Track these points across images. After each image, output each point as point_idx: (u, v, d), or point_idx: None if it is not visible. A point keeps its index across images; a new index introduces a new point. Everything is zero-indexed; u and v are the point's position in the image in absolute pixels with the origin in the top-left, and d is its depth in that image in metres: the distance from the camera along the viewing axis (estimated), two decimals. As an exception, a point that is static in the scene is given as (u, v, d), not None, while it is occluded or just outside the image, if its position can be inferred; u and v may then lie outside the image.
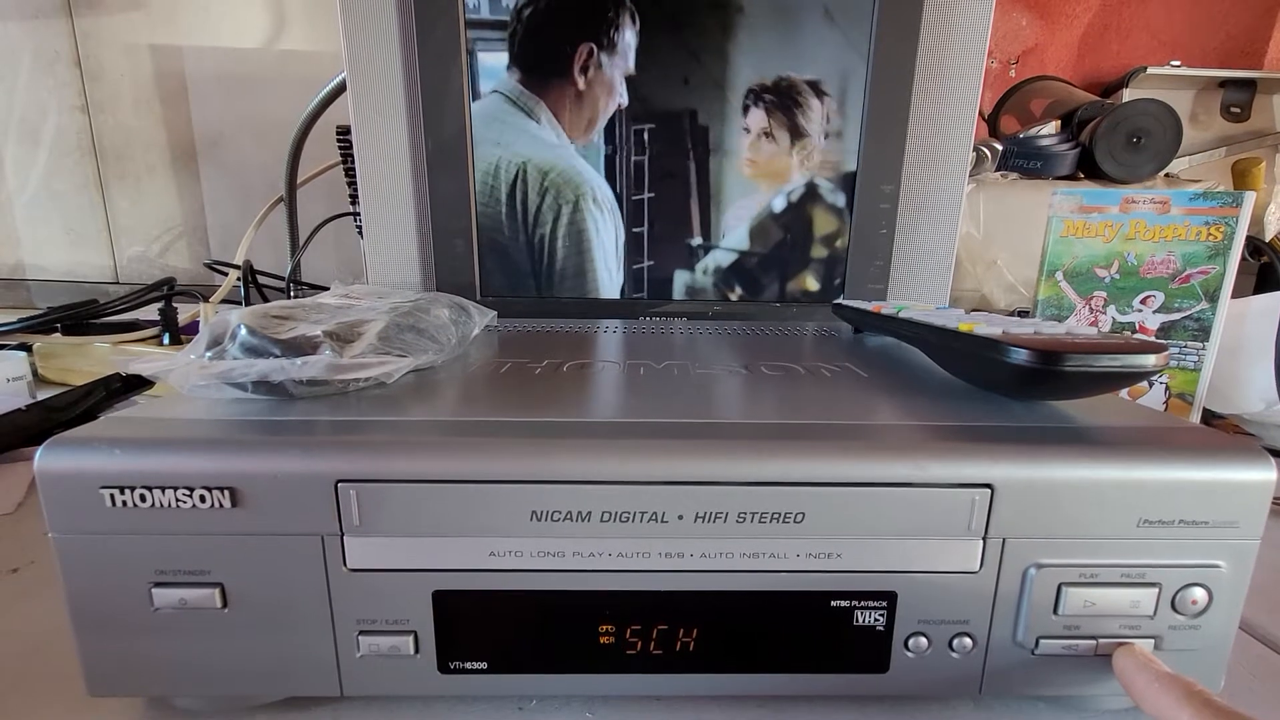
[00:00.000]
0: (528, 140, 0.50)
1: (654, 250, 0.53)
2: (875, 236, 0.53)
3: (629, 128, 0.51)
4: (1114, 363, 0.23)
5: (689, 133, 0.51)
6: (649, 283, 0.53)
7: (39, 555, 0.35)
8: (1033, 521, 0.22)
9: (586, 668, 0.24)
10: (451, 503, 0.22)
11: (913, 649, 0.23)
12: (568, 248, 0.52)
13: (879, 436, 0.23)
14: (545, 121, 0.50)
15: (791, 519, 0.22)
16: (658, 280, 0.53)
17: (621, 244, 0.52)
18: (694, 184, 0.52)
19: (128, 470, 0.21)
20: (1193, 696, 0.19)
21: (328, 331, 0.26)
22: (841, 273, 0.54)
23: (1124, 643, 0.23)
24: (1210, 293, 0.50)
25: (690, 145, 0.51)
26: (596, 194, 0.51)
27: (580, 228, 0.52)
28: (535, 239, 0.52)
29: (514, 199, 0.51)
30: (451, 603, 0.23)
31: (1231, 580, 0.23)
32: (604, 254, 0.53)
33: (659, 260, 0.53)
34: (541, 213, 0.51)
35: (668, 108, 0.50)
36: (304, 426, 0.23)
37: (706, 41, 0.49)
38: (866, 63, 0.50)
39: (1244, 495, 0.22)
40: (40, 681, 0.26)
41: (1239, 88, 0.99)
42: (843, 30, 0.49)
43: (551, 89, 0.50)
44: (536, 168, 0.51)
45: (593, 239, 0.52)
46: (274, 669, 0.23)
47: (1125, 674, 0.22)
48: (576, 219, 0.52)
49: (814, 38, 0.49)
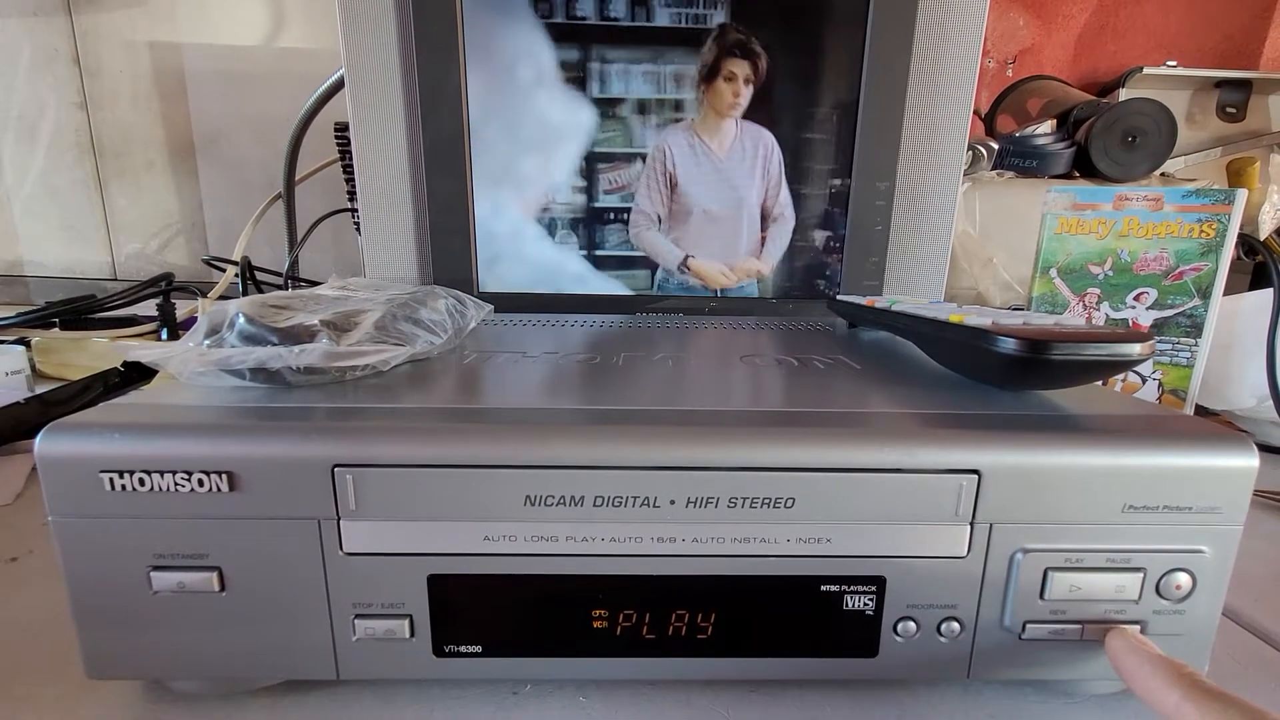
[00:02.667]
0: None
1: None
2: (870, 233, 0.53)
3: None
4: (1100, 351, 0.23)
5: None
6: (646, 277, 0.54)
7: (37, 545, 0.35)
8: (1019, 507, 0.22)
9: (580, 651, 0.24)
10: (446, 487, 0.22)
11: (901, 633, 0.24)
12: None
13: (869, 424, 0.24)
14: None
15: (782, 504, 0.22)
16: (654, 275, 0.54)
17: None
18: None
19: (127, 454, 0.22)
20: (1183, 678, 0.19)
21: (325, 320, 0.26)
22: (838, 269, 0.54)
23: (1116, 626, 0.23)
24: (1203, 289, 0.50)
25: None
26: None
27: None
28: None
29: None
30: (446, 586, 0.23)
31: (1215, 565, 0.23)
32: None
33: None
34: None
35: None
36: (301, 413, 0.23)
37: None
38: (861, 60, 0.50)
39: (1227, 481, 0.22)
40: (39, 666, 0.26)
41: (1235, 88, 0.99)
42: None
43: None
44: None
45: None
46: (271, 652, 0.24)
47: (1117, 656, 0.22)
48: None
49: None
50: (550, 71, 0.50)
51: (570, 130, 0.51)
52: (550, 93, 0.50)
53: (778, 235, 0.54)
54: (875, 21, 0.49)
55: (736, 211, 0.53)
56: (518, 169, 0.51)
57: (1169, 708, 0.19)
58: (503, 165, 0.51)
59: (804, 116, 0.52)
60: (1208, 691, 0.18)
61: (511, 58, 0.49)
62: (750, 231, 0.54)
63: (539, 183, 0.52)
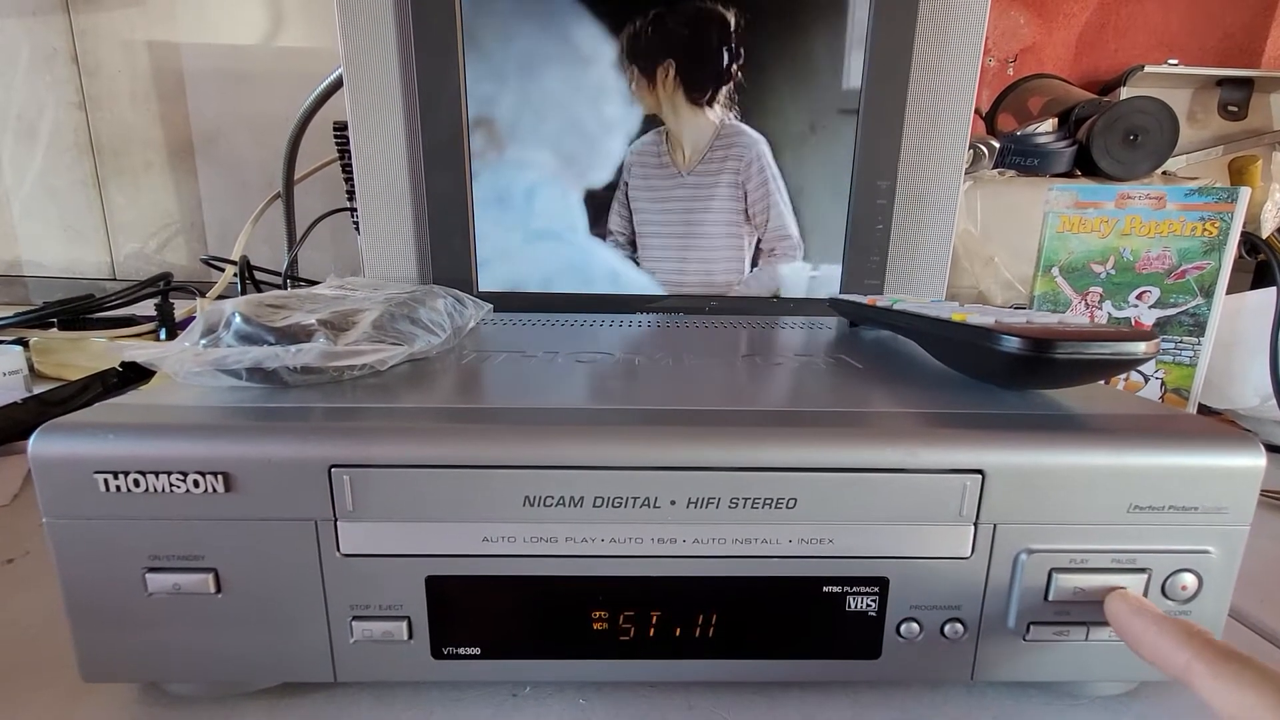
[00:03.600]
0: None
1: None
2: (872, 232, 0.53)
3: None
4: (1104, 350, 0.23)
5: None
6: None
7: (34, 547, 0.35)
8: (1023, 507, 0.22)
9: (579, 653, 0.24)
10: (444, 488, 0.22)
11: (904, 634, 0.24)
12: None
13: (871, 423, 0.23)
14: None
15: (784, 505, 0.22)
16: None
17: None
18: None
19: (122, 455, 0.21)
20: (1193, 637, 0.18)
21: (322, 320, 0.26)
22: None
23: (1116, 589, 0.23)
24: (1205, 288, 0.50)
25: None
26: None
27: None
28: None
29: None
30: (445, 588, 0.23)
31: (1221, 566, 0.23)
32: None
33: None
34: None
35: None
36: (298, 413, 0.23)
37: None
38: (864, 59, 0.50)
39: (1233, 481, 0.22)
40: (35, 669, 0.26)
41: (1236, 86, 0.99)
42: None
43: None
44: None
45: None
46: (268, 654, 0.23)
47: (1119, 618, 0.21)
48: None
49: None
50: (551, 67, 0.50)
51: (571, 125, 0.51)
52: (551, 88, 0.50)
53: (775, 263, 0.51)
54: (876, 19, 0.49)
55: (694, 234, 0.51)
56: (519, 167, 0.51)
57: (1179, 668, 0.18)
58: (503, 163, 0.51)
59: (802, 116, 0.51)
60: (1220, 650, 0.18)
61: (511, 55, 0.49)
62: (730, 256, 0.52)
63: (539, 180, 0.52)
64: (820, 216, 0.53)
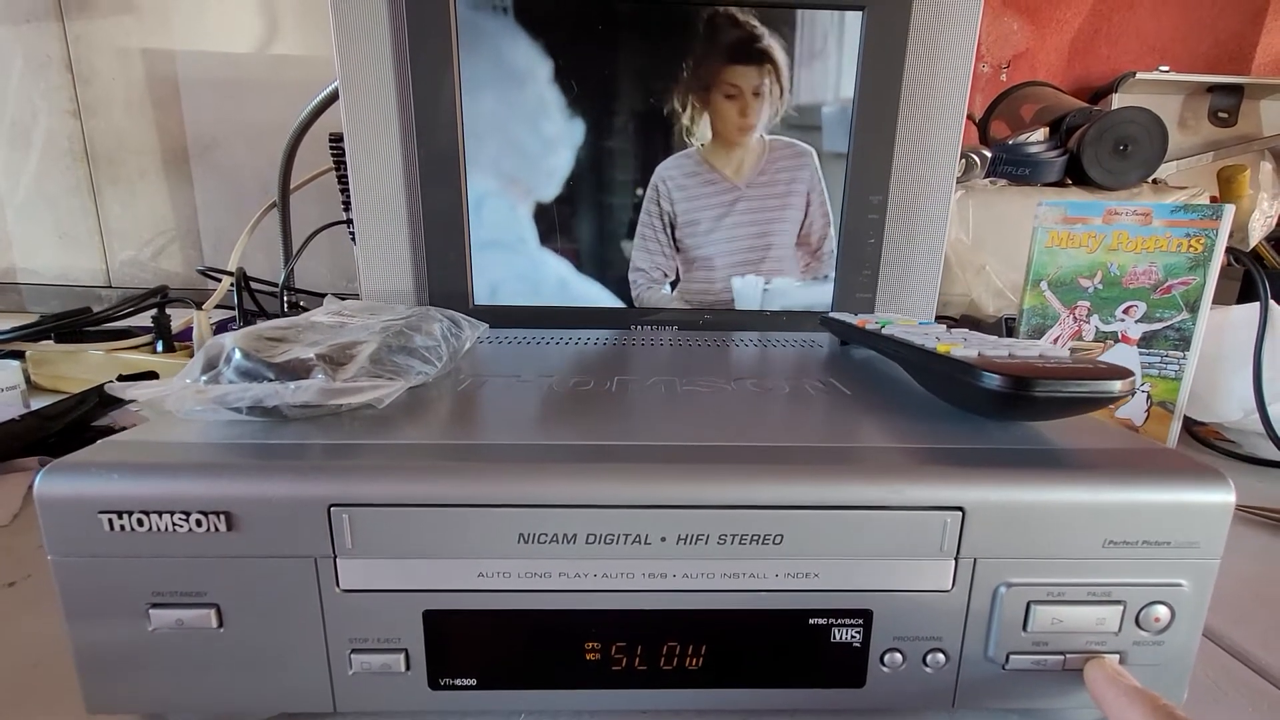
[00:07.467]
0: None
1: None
2: (863, 246, 0.54)
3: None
4: (1082, 389, 0.24)
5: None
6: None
7: (35, 569, 0.36)
8: (1003, 542, 0.23)
9: (573, 684, 0.24)
10: (441, 526, 0.22)
11: (888, 664, 0.24)
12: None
13: (857, 459, 0.24)
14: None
15: (771, 540, 0.23)
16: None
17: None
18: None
19: (125, 495, 0.22)
20: (1158, 710, 0.20)
21: (320, 355, 0.27)
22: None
23: (1095, 656, 0.24)
24: (1191, 303, 0.51)
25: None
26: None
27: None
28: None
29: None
30: (442, 622, 0.23)
31: (1193, 598, 0.23)
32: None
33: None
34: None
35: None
36: (297, 450, 0.24)
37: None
38: (855, 71, 0.50)
39: (1205, 517, 0.23)
40: (39, 697, 0.26)
41: (1226, 93, 1.00)
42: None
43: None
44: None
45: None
46: (268, 686, 0.24)
47: (1095, 686, 0.23)
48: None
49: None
50: (544, 82, 0.50)
51: (565, 141, 0.51)
52: (544, 103, 0.50)
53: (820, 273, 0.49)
54: (867, 30, 0.49)
55: (762, 249, 0.49)
56: (513, 181, 0.52)
57: None
58: (498, 177, 0.51)
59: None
60: None
61: (506, 69, 0.49)
62: (794, 263, 0.50)
63: (534, 194, 0.52)
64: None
